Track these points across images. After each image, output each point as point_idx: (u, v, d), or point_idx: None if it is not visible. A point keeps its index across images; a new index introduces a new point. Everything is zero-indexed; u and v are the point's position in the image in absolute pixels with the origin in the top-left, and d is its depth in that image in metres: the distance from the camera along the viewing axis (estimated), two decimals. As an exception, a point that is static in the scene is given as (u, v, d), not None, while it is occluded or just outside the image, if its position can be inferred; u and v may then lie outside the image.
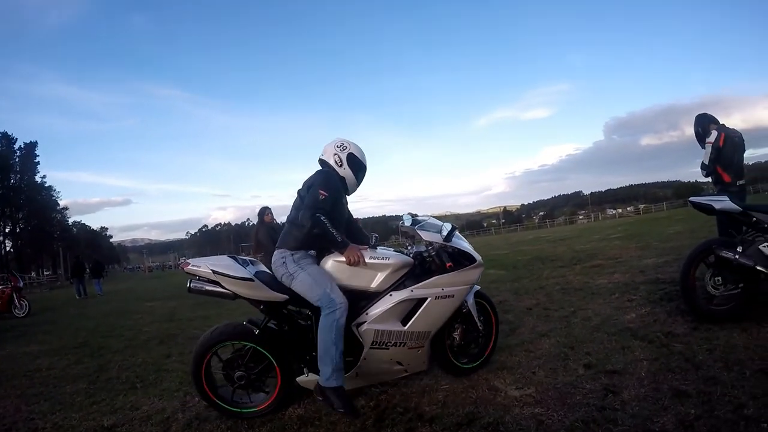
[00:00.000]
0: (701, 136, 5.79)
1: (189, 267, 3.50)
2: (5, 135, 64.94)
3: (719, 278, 4.33)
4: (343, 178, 3.65)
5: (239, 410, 3.56)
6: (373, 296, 3.48)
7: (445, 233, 3.59)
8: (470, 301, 3.80)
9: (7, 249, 64.86)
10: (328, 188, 3.43)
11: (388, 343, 3.43)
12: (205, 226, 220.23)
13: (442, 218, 3.97)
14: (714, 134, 5.53)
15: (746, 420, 2.60)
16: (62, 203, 75.41)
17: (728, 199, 4.44)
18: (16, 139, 66.21)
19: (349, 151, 3.67)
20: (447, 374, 3.89)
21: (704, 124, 5.83)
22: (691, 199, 4.74)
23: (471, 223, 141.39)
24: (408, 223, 3.85)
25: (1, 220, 63.97)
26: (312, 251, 3.51)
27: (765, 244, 4.18)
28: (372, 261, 3.46)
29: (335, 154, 3.64)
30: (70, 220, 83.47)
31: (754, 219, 4.30)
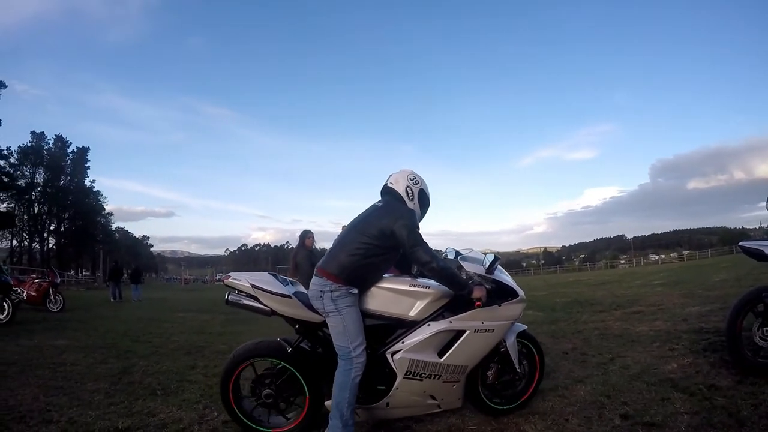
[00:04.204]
0: None
1: (229, 280, 3.53)
2: (60, 138, 68.88)
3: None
4: (411, 212, 3.48)
5: (265, 429, 3.51)
6: (411, 325, 3.41)
7: (487, 264, 3.55)
8: (510, 341, 3.69)
9: (50, 245, 67.83)
10: (417, 227, 3.39)
11: (423, 374, 3.36)
12: (245, 245, 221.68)
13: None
14: None
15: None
16: (107, 208, 79.18)
17: None
18: (70, 143, 70.21)
19: (420, 186, 3.58)
20: (478, 413, 3.81)
21: None
22: (742, 243, 4.55)
23: (510, 263, 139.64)
24: (451, 255, 3.85)
25: (48, 217, 67.21)
26: (354, 289, 3.30)
27: None
28: (412, 289, 3.40)
29: (408, 187, 3.52)
30: (114, 226, 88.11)
31: None
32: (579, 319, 8.81)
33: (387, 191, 3.61)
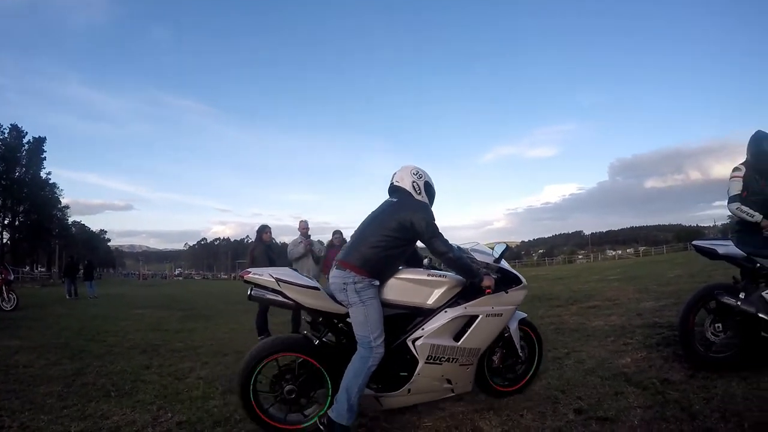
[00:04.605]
0: None
1: (250, 276, 3.48)
2: (15, 127, 64.68)
3: (719, 325, 4.21)
4: (427, 205, 3.70)
5: (284, 427, 3.46)
6: (429, 313, 3.59)
7: (497, 255, 3.91)
8: (513, 327, 3.98)
9: (4, 241, 64.54)
10: (434, 218, 3.56)
11: (442, 359, 3.53)
12: (204, 239, 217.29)
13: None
14: None
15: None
16: (64, 201, 74.39)
17: (732, 243, 4.34)
18: (26, 132, 65.83)
19: (425, 179, 3.76)
20: (434, 409, 3.82)
21: None
22: (695, 242, 4.63)
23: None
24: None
25: (2, 211, 63.71)
26: (376, 281, 3.44)
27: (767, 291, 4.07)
28: (430, 278, 3.62)
29: (414, 182, 3.70)
30: (70, 220, 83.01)
31: (758, 265, 4.21)
32: (536, 314, 8.76)
33: (395, 189, 3.76)
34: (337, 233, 8.93)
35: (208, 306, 16.26)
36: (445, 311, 3.58)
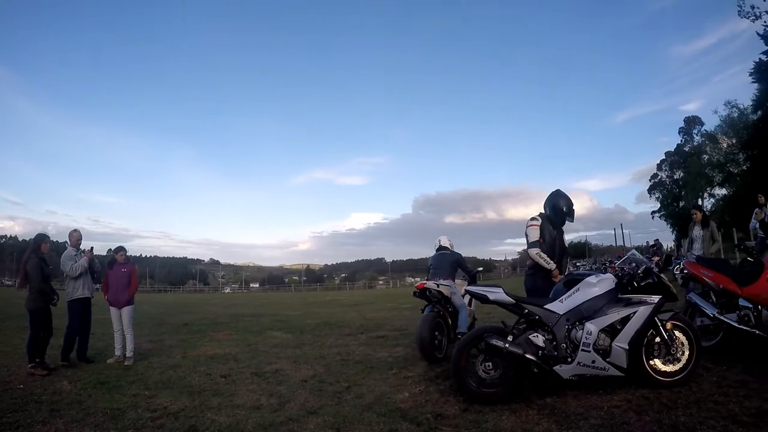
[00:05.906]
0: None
1: (429, 284, 6.99)
2: None
3: (489, 363, 4.41)
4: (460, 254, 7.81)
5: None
6: (462, 295, 7.04)
7: (476, 270, 7.97)
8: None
9: None
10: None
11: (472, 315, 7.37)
12: None
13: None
14: None
15: None
16: None
17: (502, 290, 4.67)
18: None
19: (451, 242, 7.90)
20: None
21: None
22: (468, 288, 5.11)
23: (273, 278, 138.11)
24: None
25: None
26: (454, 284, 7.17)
27: (534, 334, 4.43)
28: (461, 282, 7.45)
29: (450, 244, 7.85)
30: None
31: (527, 311, 4.58)
32: (324, 343, 8.77)
33: (442, 247, 7.79)
34: (121, 250, 8.04)
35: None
36: (466, 294, 6.01)
